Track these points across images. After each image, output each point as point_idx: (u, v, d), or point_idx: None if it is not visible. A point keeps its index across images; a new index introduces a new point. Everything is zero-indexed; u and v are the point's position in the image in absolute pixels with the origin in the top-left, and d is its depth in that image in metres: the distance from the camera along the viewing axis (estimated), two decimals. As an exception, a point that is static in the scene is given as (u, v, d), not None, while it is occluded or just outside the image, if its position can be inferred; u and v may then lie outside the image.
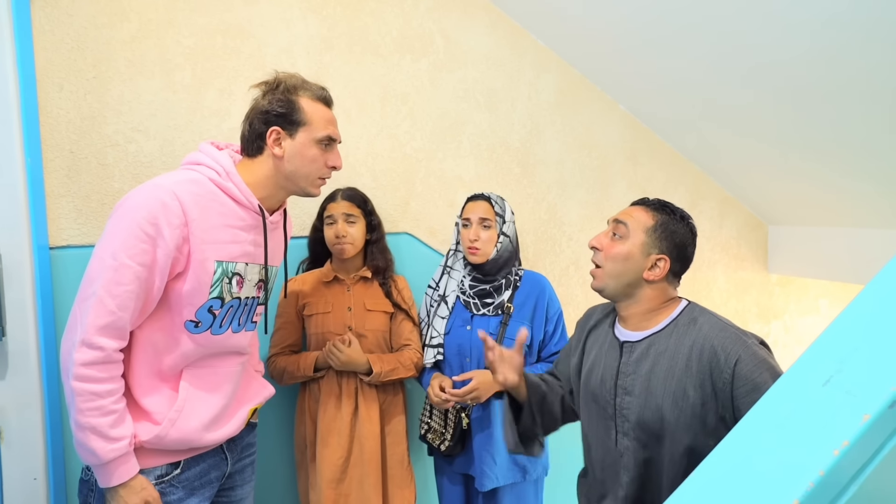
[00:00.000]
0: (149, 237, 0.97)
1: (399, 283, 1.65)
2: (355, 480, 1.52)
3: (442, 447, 1.54)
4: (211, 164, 1.08)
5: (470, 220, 1.55)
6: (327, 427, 1.53)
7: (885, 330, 0.59)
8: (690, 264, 1.12)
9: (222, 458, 1.18)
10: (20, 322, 1.36)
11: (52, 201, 1.45)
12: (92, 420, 0.97)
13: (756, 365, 0.96)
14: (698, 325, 1.04)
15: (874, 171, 1.92)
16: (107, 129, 1.50)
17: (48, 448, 1.40)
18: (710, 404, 0.99)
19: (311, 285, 1.60)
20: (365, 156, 1.85)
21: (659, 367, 1.04)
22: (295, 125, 1.10)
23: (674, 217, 1.09)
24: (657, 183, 2.34)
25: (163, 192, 0.99)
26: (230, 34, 1.64)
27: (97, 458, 0.98)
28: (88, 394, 0.97)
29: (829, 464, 0.51)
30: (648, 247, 1.07)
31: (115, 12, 1.49)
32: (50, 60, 1.43)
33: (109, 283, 0.96)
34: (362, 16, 1.81)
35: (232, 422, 1.16)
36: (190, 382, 1.09)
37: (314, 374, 1.54)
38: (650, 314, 1.09)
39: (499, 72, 2.02)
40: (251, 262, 1.13)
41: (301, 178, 1.13)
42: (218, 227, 1.05)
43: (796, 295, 2.70)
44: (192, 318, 1.05)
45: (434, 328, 1.58)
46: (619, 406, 1.08)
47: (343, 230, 1.54)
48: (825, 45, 1.52)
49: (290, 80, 1.12)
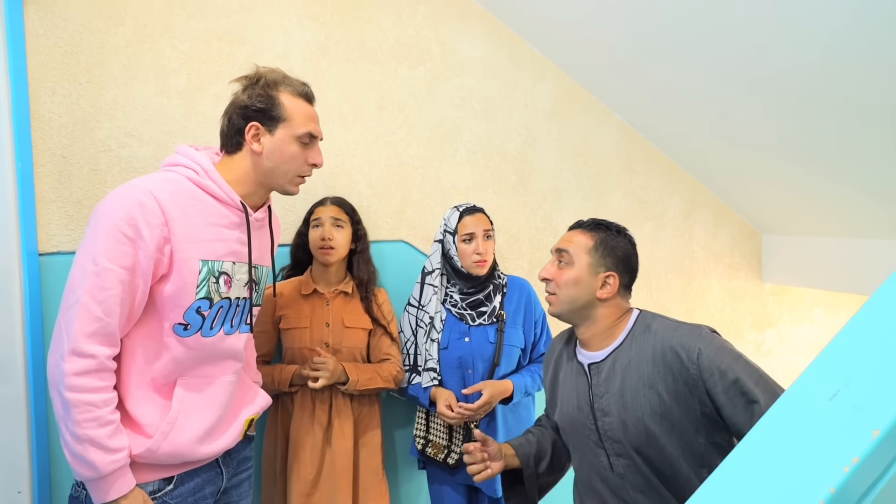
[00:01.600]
0: (128, 239, 0.95)
1: (379, 297, 1.63)
2: (326, 495, 1.48)
3: (449, 461, 1.52)
4: (188, 164, 1.06)
5: (474, 234, 1.54)
6: (299, 442, 1.49)
7: (891, 342, 0.58)
8: (637, 274, 1.14)
9: (217, 472, 1.14)
10: (7, 329, 1.33)
11: (43, 207, 1.42)
12: (90, 432, 0.93)
13: (716, 352, 0.99)
14: (653, 331, 1.06)
15: (869, 181, 1.94)
16: (100, 133, 1.48)
17: (33, 460, 1.37)
18: (688, 402, 1.01)
19: (289, 296, 1.56)
20: (361, 163, 1.84)
21: (628, 380, 1.05)
22: (274, 121, 1.08)
23: (610, 232, 1.12)
24: (652, 192, 2.35)
25: (139, 193, 0.97)
26: (226, 40, 1.63)
27: (96, 471, 0.94)
28: (84, 404, 0.93)
29: (839, 481, 0.50)
30: (595, 266, 1.10)
31: (109, 16, 1.48)
32: (43, 64, 1.41)
33: (92, 288, 0.93)
34: (360, 23, 1.81)
35: (227, 434, 1.13)
36: (184, 392, 1.05)
37: (289, 389, 1.50)
38: (608, 331, 1.11)
39: (495, 80, 2.03)
40: (239, 262, 1.10)
41: (279, 176, 1.10)
42: (200, 226, 1.03)
43: (790, 304, 2.72)
44: (181, 320, 1.02)
45: (429, 352, 1.57)
46: (603, 429, 1.08)
47: (329, 233, 1.52)
48: (822, 57, 1.53)
49: (271, 75, 1.11)
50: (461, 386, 1.54)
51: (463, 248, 1.54)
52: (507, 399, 1.52)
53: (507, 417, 1.57)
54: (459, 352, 1.54)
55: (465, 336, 1.56)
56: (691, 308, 2.47)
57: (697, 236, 2.46)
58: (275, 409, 1.57)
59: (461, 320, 1.57)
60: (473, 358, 1.54)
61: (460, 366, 1.55)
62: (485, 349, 1.54)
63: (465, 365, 1.55)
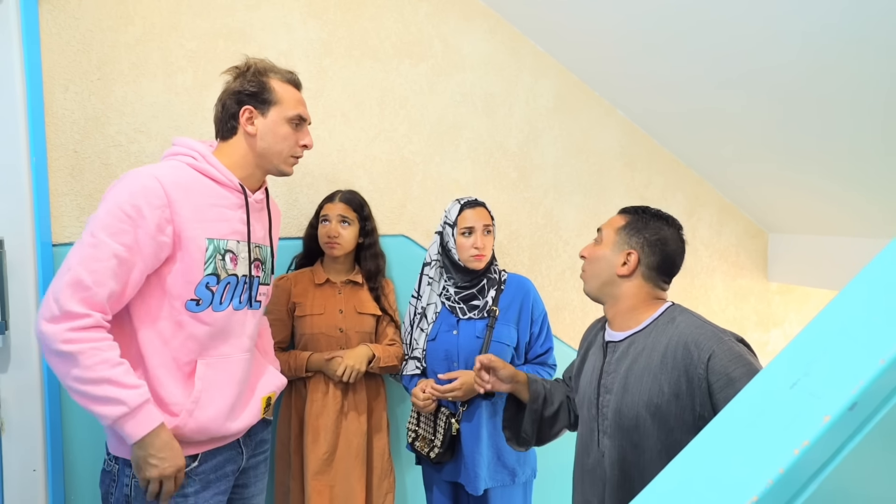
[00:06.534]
0: (129, 217, 0.99)
1: (386, 287, 1.72)
2: (340, 473, 1.55)
3: (431, 454, 1.52)
4: (186, 152, 1.13)
5: (473, 227, 1.54)
6: (315, 423, 1.56)
7: (852, 336, 0.60)
8: (673, 263, 1.12)
9: (238, 451, 1.20)
10: (23, 317, 1.39)
11: (56, 199, 1.48)
12: (104, 372, 0.95)
13: (731, 360, 0.96)
14: (676, 324, 1.06)
15: (876, 181, 1.91)
16: (110, 129, 1.54)
17: (48, 440, 1.43)
18: (686, 401, 1.01)
19: (303, 286, 1.64)
20: (363, 158, 1.87)
21: (637, 364, 1.06)
22: (266, 104, 1.15)
23: (645, 216, 1.13)
24: (655, 189, 2.34)
25: (143, 177, 1.03)
26: (232, 38, 1.67)
27: (125, 406, 0.96)
28: (90, 350, 0.95)
29: (788, 462, 0.52)
30: (619, 244, 1.12)
31: (119, 16, 1.53)
32: (56, 62, 1.46)
33: (86, 259, 0.97)
34: (362, 21, 1.84)
35: (248, 411, 1.18)
36: (205, 370, 1.10)
37: (305, 374, 1.57)
38: (632, 313, 1.12)
39: (497, 76, 2.04)
40: (242, 241, 1.16)
41: (274, 156, 1.17)
42: (204, 207, 1.09)
43: (796, 304, 2.69)
44: (193, 296, 1.08)
45: (416, 340, 1.60)
46: (601, 405, 1.11)
47: (335, 231, 1.59)
48: (830, 53, 1.51)
49: (260, 64, 1.18)
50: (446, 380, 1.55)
51: (461, 242, 1.55)
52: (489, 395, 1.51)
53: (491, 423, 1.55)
54: (446, 344, 1.56)
55: (453, 329, 1.57)
56: (694, 306, 2.42)
57: (701, 234, 2.45)
58: (288, 394, 1.64)
59: (452, 313, 1.59)
60: (459, 351, 1.54)
61: (446, 358, 1.56)
62: (471, 343, 1.54)
63: (451, 357, 1.56)
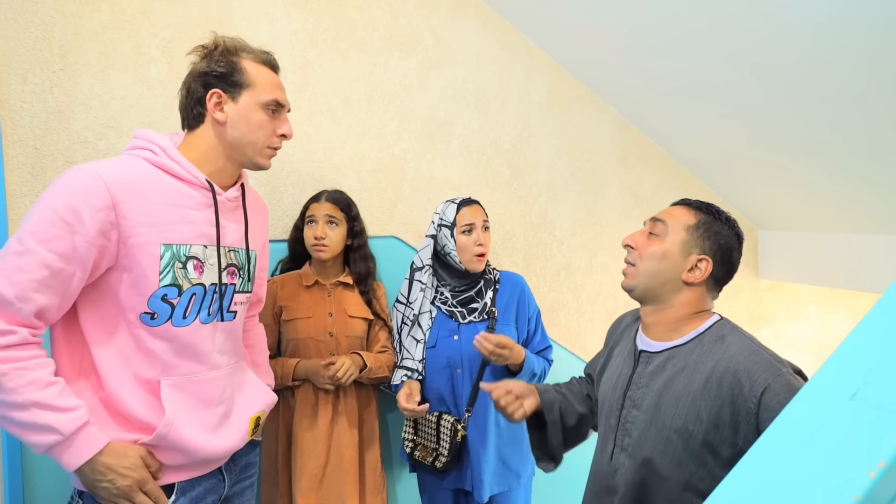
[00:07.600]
0: (64, 223, 0.86)
1: (378, 291, 1.62)
2: (333, 489, 1.46)
3: (437, 464, 1.45)
4: (145, 145, 0.99)
5: (473, 224, 1.48)
6: (304, 435, 1.47)
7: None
8: (734, 274, 1.01)
9: (220, 479, 1.07)
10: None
11: (14, 201, 1.35)
12: (31, 395, 0.84)
13: (788, 396, 0.83)
14: (726, 345, 0.94)
15: (866, 176, 1.91)
16: (75, 124, 1.42)
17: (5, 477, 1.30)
18: (727, 433, 0.89)
19: (290, 289, 1.53)
20: (351, 156, 1.78)
21: (674, 384, 0.95)
22: (237, 87, 1.00)
23: (718, 218, 1.00)
24: (648, 186, 2.31)
25: (85, 175, 0.89)
26: (209, 27, 1.56)
27: (57, 433, 0.85)
28: (14, 370, 0.83)
29: (865, 487, 0.46)
30: (689, 246, 0.97)
31: (84, 1, 1.41)
32: (12, 50, 1.34)
33: (9, 269, 0.84)
34: (348, 11, 1.75)
35: (229, 433, 1.04)
36: (171, 392, 0.97)
37: (292, 383, 1.47)
38: (676, 324, 0.99)
39: (489, 72, 1.98)
40: (211, 245, 1.01)
41: (248, 147, 1.03)
42: (161, 208, 0.95)
43: (786, 300, 2.70)
44: (146, 309, 0.94)
45: (406, 349, 1.51)
46: (624, 418, 1.01)
47: (322, 232, 1.49)
48: (821, 48, 1.50)
49: (230, 42, 1.03)
50: (449, 386, 1.49)
51: (463, 241, 1.48)
52: (517, 370, 1.43)
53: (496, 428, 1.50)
54: (448, 350, 1.49)
55: (454, 334, 1.50)
56: (687, 305, 2.44)
57: (693, 232, 2.43)
58: (275, 405, 1.52)
59: (451, 318, 1.52)
60: (462, 357, 1.48)
61: (448, 365, 1.49)
62: (475, 348, 1.47)
63: (454, 364, 1.49)
